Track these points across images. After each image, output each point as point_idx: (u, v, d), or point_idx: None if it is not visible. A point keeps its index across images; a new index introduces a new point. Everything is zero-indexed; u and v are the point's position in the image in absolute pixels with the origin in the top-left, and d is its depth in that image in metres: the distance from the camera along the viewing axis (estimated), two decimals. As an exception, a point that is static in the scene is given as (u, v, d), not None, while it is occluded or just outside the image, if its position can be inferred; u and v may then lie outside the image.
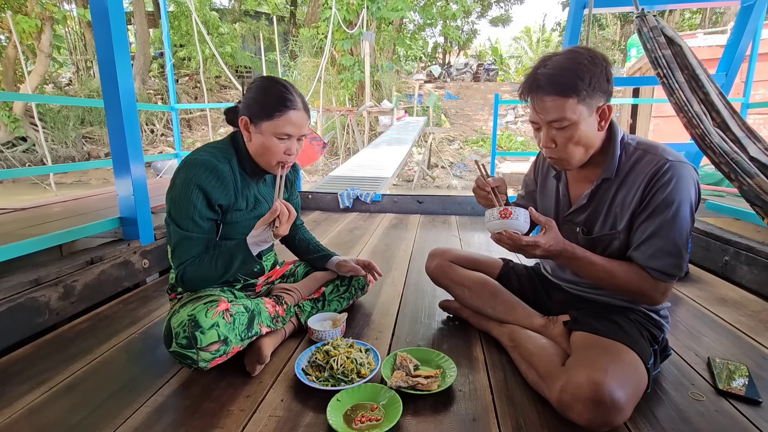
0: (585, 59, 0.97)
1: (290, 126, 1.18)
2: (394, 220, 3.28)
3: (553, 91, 0.97)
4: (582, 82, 0.95)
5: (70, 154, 11.19)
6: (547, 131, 1.02)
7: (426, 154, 11.21)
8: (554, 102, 0.97)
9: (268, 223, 1.13)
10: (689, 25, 15.14)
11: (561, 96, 0.97)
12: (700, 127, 1.47)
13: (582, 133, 1.00)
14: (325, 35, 10.42)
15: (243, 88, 1.28)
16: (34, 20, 9.33)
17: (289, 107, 1.17)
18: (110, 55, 1.73)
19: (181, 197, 1.14)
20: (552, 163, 1.10)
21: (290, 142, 1.20)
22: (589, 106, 0.98)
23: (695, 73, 1.54)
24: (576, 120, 0.98)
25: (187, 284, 1.17)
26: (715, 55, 5.84)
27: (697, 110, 1.48)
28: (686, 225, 1.00)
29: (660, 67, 1.56)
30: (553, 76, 0.97)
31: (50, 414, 1.02)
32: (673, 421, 0.98)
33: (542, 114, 1.01)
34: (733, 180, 1.41)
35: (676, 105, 1.53)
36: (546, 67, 0.99)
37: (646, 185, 1.01)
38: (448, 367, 1.14)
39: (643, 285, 1.04)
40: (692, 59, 1.56)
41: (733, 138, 1.48)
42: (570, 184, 1.19)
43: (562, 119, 0.98)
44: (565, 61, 0.98)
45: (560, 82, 0.96)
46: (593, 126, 1.01)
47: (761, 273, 1.77)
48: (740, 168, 1.38)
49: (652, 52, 1.57)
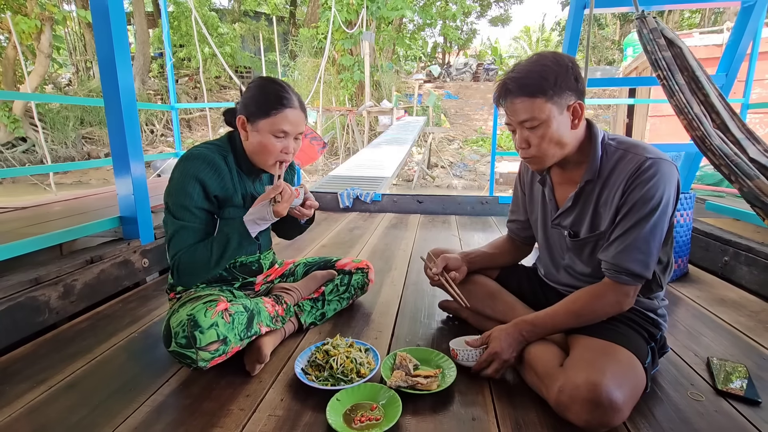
0: (549, 61, 1.02)
1: (286, 123, 1.18)
2: (394, 219, 3.28)
3: (521, 93, 1.02)
4: (547, 82, 0.99)
5: (69, 154, 11.17)
6: (520, 132, 1.07)
7: (426, 153, 11.21)
8: (523, 103, 1.02)
9: (268, 199, 1.15)
10: (689, 24, 15.14)
11: (528, 97, 1.01)
12: (700, 129, 1.47)
13: (554, 132, 1.03)
14: (325, 35, 10.42)
15: (243, 88, 1.29)
16: (33, 21, 9.31)
17: (285, 105, 1.18)
18: (110, 55, 1.73)
19: (178, 188, 1.15)
20: (527, 163, 1.13)
21: (287, 141, 1.21)
22: (558, 105, 1.01)
23: (695, 75, 1.54)
24: (545, 118, 1.01)
25: (182, 274, 1.16)
26: (711, 54, 5.86)
27: (698, 112, 1.48)
28: (661, 224, 1.01)
29: (660, 69, 1.56)
30: (520, 79, 1.02)
31: (50, 413, 1.02)
32: (672, 421, 0.98)
33: (513, 116, 1.05)
34: (734, 182, 1.41)
35: (677, 107, 1.53)
36: (514, 71, 1.04)
37: (626, 183, 1.02)
38: (448, 367, 1.15)
39: (606, 302, 1.05)
40: (692, 60, 1.56)
41: (732, 139, 1.48)
42: (555, 187, 1.21)
43: (532, 119, 1.02)
44: (530, 64, 1.03)
45: (527, 84, 1.01)
46: (566, 124, 1.04)
47: (761, 273, 1.77)
48: (740, 170, 1.38)
49: (652, 54, 1.57)
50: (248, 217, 1.17)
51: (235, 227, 1.16)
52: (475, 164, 11.34)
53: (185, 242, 1.16)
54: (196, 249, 1.16)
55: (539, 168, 1.13)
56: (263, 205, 1.17)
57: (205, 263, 1.16)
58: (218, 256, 1.16)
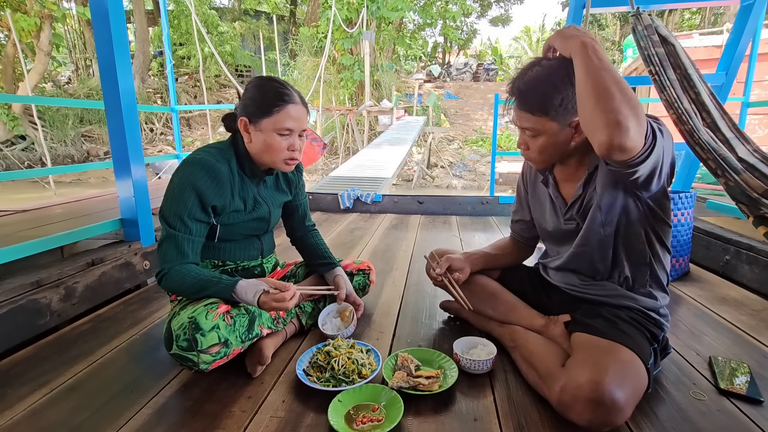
0: (558, 79, 0.98)
1: (290, 120, 1.18)
2: (395, 220, 3.28)
3: (524, 107, 1.03)
4: (551, 103, 0.99)
5: (69, 152, 11.17)
6: (521, 134, 1.10)
7: (426, 153, 11.21)
8: (525, 116, 1.04)
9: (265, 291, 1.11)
10: (689, 25, 15.12)
11: (530, 114, 1.02)
12: (689, 123, 1.47)
13: (551, 144, 1.05)
14: (325, 34, 10.41)
15: (241, 89, 1.28)
16: (33, 18, 9.31)
17: (287, 101, 1.17)
18: (110, 56, 1.72)
19: (175, 195, 1.14)
20: (526, 159, 1.16)
21: (292, 138, 1.20)
22: (560, 123, 1.02)
23: (687, 73, 1.55)
24: (545, 132, 1.03)
25: (164, 287, 1.15)
26: (711, 55, 5.85)
27: (687, 108, 1.49)
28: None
29: (652, 65, 1.57)
30: (525, 93, 1.02)
31: (52, 415, 1.02)
32: (674, 420, 0.98)
33: (516, 120, 1.08)
34: (720, 176, 1.41)
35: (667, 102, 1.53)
36: (523, 80, 1.04)
37: None
38: (450, 368, 1.15)
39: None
40: (685, 59, 1.57)
41: (722, 138, 1.48)
42: (560, 185, 1.20)
43: (532, 129, 1.04)
44: (538, 78, 1.01)
45: (530, 101, 1.02)
46: (565, 138, 1.04)
47: (762, 272, 1.77)
48: (727, 164, 1.38)
49: (645, 50, 1.57)
50: (240, 289, 1.11)
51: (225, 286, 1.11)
52: (474, 164, 11.34)
53: (172, 252, 1.13)
54: (186, 274, 1.12)
55: (539, 168, 1.15)
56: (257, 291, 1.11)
57: (186, 293, 1.14)
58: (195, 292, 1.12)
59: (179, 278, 1.12)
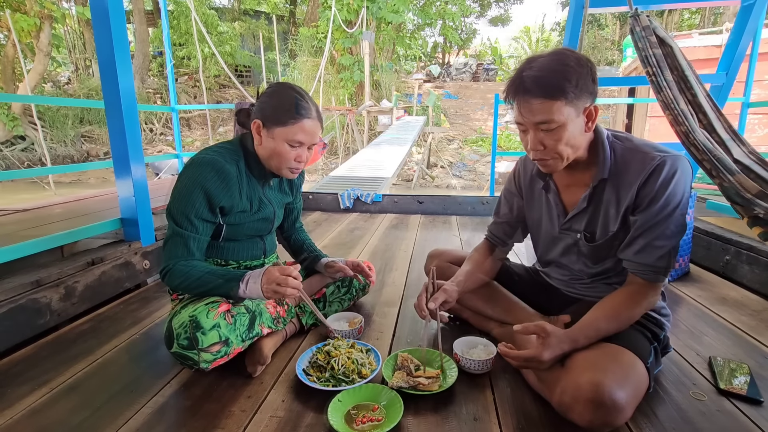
0: (571, 60, 0.96)
1: (303, 134, 1.18)
2: (395, 220, 3.28)
3: (540, 94, 0.95)
4: (569, 84, 0.94)
5: (68, 152, 11.17)
6: (534, 134, 1.00)
7: (425, 153, 11.21)
8: (542, 104, 0.95)
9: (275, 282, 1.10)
10: (688, 25, 15.13)
11: (548, 98, 0.95)
12: (685, 124, 1.47)
13: (570, 135, 0.99)
14: (325, 35, 10.42)
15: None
16: (32, 19, 9.32)
17: (303, 115, 1.18)
18: (110, 56, 1.72)
19: (183, 195, 1.15)
20: (539, 165, 1.07)
21: (301, 150, 1.21)
22: (576, 108, 0.97)
23: (684, 74, 1.55)
24: (564, 121, 0.96)
25: (168, 283, 1.16)
26: (710, 55, 5.85)
27: (684, 109, 1.49)
28: (684, 218, 1.00)
29: (650, 66, 1.57)
30: (540, 78, 0.95)
31: (52, 415, 1.02)
32: (674, 420, 0.98)
33: (529, 116, 0.98)
34: (714, 177, 1.41)
35: (663, 102, 1.54)
36: (532, 69, 0.97)
37: (641, 181, 1.00)
38: (449, 368, 1.15)
39: (645, 301, 1.03)
40: (682, 61, 1.57)
41: (718, 140, 1.49)
42: (561, 191, 1.17)
43: (550, 121, 0.96)
44: (551, 62, 0.96)
45: (547, 84, 0.95)
46: (580, 127, 1.01)
47: (762, 272, 1.77)
48: (723, 165, 1.38)
49: (642, 51, 1.58)
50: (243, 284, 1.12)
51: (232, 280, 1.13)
52: (474, 164, 11.35)
53: (178, 251, 1.15)
54: (192, 268, 1.13)
55: (552, 170, 1.08)
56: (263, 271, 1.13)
57: (190, 289, 1.15)
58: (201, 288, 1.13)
59: (184, 273, 1.13)
